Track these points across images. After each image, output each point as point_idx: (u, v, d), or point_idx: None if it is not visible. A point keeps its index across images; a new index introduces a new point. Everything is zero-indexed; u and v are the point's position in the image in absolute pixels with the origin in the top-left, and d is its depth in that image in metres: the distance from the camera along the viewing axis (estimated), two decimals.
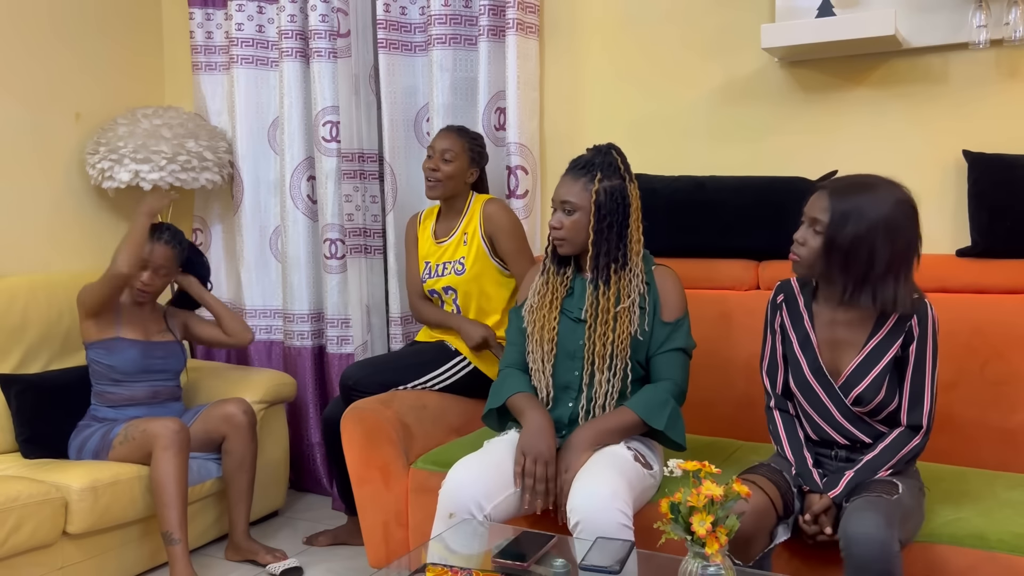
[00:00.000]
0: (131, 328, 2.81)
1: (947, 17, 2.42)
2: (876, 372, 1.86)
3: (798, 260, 1.88)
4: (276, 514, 3.27)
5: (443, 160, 2.68)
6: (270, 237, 3.57)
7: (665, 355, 2.08)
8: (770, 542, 1.82)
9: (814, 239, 1.84)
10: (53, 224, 3.36)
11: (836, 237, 1.80)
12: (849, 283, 1.83)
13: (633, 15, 2.90)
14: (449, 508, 1.94)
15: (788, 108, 2.69)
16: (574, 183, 2.08)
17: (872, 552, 1.60)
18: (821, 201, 1.84)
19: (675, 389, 2.06)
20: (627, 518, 1.82)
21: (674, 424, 2.03)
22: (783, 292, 2.02)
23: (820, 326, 1.94)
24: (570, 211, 2.07)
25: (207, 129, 3.47)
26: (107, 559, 2.62)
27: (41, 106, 3.34)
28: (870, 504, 1.69)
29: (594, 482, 1.86)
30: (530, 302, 2.17)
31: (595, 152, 2.10)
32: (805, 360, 1.94)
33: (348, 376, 2.61)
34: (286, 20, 3.32)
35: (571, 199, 2.07)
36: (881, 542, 1.61)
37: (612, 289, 2.07)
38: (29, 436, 2.78)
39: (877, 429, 1.90)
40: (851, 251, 1.80)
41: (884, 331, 1.87)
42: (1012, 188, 2.29)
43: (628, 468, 1.95)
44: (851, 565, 1.64)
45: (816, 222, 1.83)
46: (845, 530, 1.66)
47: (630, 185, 2.08)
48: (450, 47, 3.03)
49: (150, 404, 2.81)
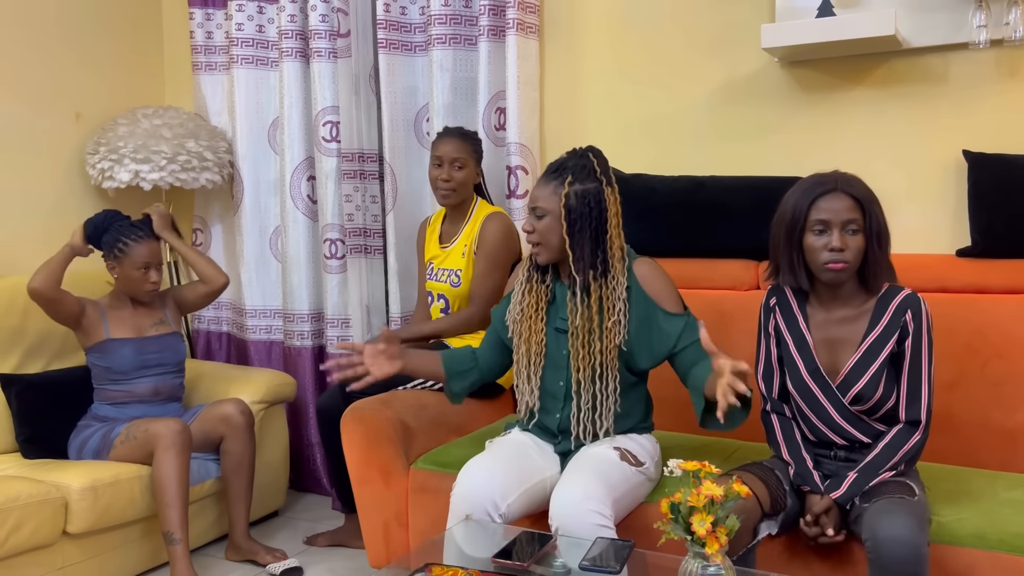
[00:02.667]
0: (120, 327, 2.81)
1: (947, 17, 2.42)
2: (874, 369, 1.86)
3: (846, 266, 1.84)
4: (276, 514, 3.27)
5: (455, 168, 2.70)
6: (270, 237, 3.57)
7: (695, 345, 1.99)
8: (754, 538, 1.82)
9: (854, 239, 1.84)
10: (53, 224, 3.36)
11: (872, 223, 1.84)
12: (882, 267, 1.87)
13: (633, 15, 2.90)
14: (465, 510, 1.93)
15: (788, 108, 2.69)
16: (545, 186, 2.01)
17: (904, 554, 1.60)
18: (843, 201, 1.83)
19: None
20: (604, 518, 1.81)
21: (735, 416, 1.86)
22: (775, 295, 2.01)
23: (815, 327, 1.94)
24: (540, 215, 2.00)
25: (207, 129, 3.47)
26: (107, 559, 2.62)
27: (41, 106, 3.34)
28: (897, 506, 1.68)
29: (568, 487, 1.86)
30: (513, 313, 2.12)
31: (570, 155, 2.03)
32: (802, 361, 1.94)
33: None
34: (286, 20, 3.32)
35: (540, 203, 2.00)
36: (913, 545, 1.61)
37: (593, 297, 2.00)
38: (29, 436, 2.78)
39: (876, 428, 1.90)
40: (885, 230, 1.87)
41: (880, 327, 1.87)
42: (1012, 188, 2.29)
43: (609, 468, 1.93)
44: (880, 567, 1.63)
45: (850, 222, 1.83)
46: (874, 532, 1.65)
47: (607, 189, 1.99)
48: (450, 47, 3.03)
49: (150, 402, 2.81)
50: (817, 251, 1.85)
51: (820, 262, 1.85)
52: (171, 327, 2.91)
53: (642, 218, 2.68)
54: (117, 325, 2.81)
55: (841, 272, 1.84)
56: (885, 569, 1.62)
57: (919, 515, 1.68)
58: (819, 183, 1.87)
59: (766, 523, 1.85)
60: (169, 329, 2.90)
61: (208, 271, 2.94)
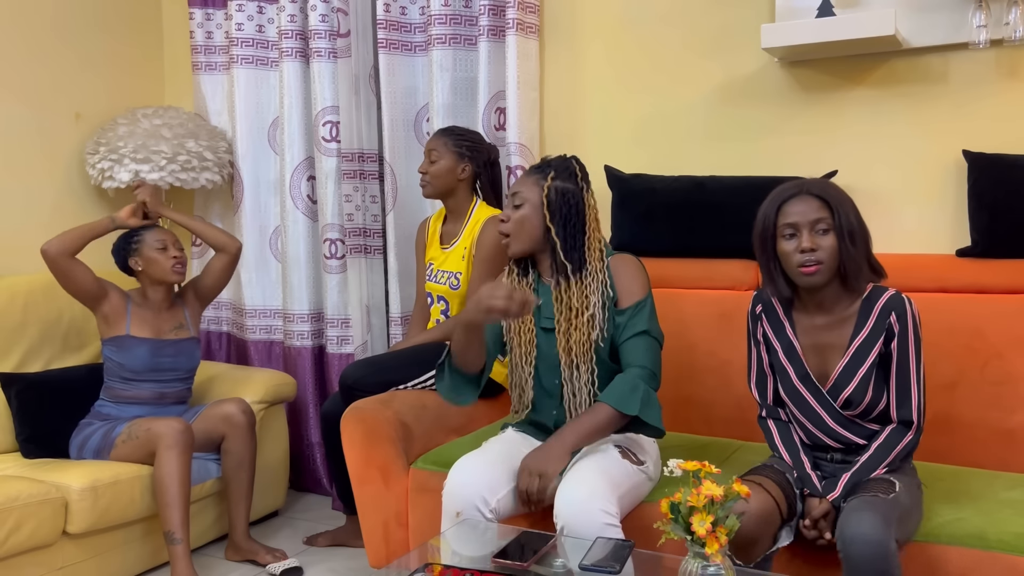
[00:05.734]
0: (141, 326, 2.81)
1: (947, 17, 2.42)
2: (863, 372, 1.86)
3: (820, 267, 1.83)
4: (276, 514, 3.27)
5: (429, 161, 2.75)
6: (270, 237, 3.57)
7: (629, 341, 2.02)
8: (773, 544, 1.82)
9: (824, 239, 1.83)
10: (53, 224, 3.36)
11: (844, 222, 1.82)
12: (863, 266, 1.85)
13: (633, 15, 2.90)
14: (455, 507, 1.94)
15: (788, 108, 2.69)
16: (527, 178, 2.08)
17: (869, 552, 1.60)
18: (808, 203, 1.84)
19: (644, 373, 1.97)
20: (611, 516, 1.82)
21: (648, 408, 1.94)
22: (761, 302, 2.01)
23: (802, 332, 1.93)
24: (518, 204, 2.06)
25: (207, 129, 3.47)
26: (107, 559, 2.62)
27: (41, 106, 3.34)
28: (866, 504, 1.69)
29: (574, 485, 1.86)
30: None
31: (556, 157, 2.11)
32: (792, 368, 1.94)
33: (348, 376, 2.61)
34: (286, 20, 3.32)
35: (521, 190, 2.06)
36: (878, 542, 1.61)
37: (573, 291, 2.03)
38: (29, 435, 2.78)
39: (869, 429, 1.90)
40: (856, 231, 1.84)
41: (866, 330, 1.87)
42: (1012, 188, 2.29)
43: (612, 466, 1.94)
44: (849, 566, 1.63)
45: (818, 222, 1.83)
46: (842, 531, 1.66)
47: (586, 194, 2.07)
48: (450, 47, 3.03)
49: (154, 405, 2.81)
50: (790, 255, 1.85)
51: (794, 266, 1.84)
52: (190, 332, 2.91)
53: (642, 218, 2.68)
54: (138, 323, 2.81)
55: (815, 274, 1.83)
56: (854, 568, 1.62)
57: (887, 512, 1.66)
58: (785, 189, 1.89)
59: (786, 531, 1.85)
60: (188, 334, 2.90)
61: (220, 238, 2.92)
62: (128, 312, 2.80)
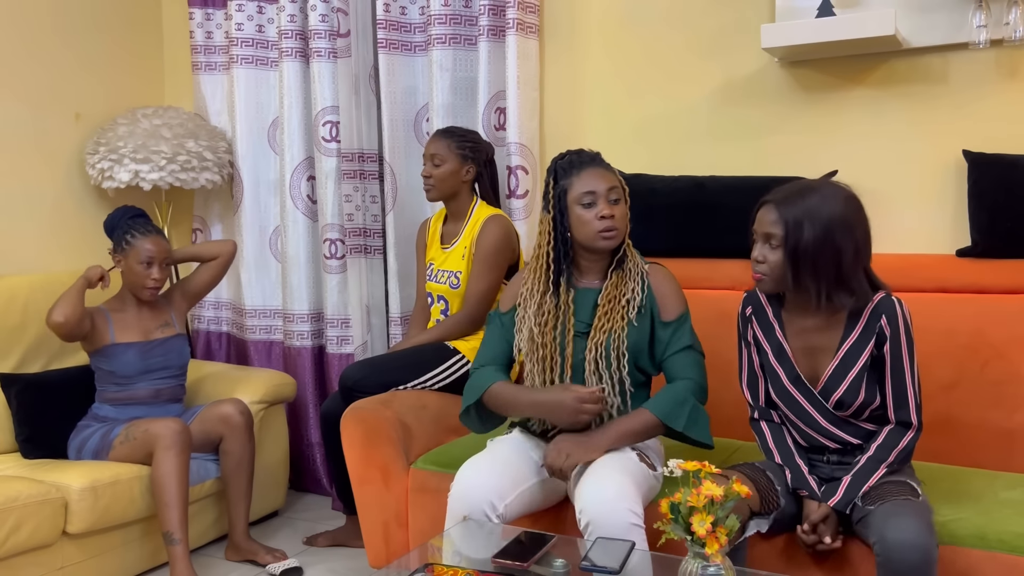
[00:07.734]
0: (126, 331, 2.80)
1: (947, 17, 2.42)
2: (853, 374, 1.85)
3: (763, 278, 1.85)
4: (276, 514, 3.27)
5: (433, 165, 2.74)
6: (270, 237, 3.57)
7: (677, 356, 2.03)
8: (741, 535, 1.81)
9: (773, 254, 1.83)
10: (53, 224, 3.36)
11: (797, 245, 1.79)
12: (822, 286, 1.81)
13: (633, 15, 2.90)
14: (462, 511, 1.93)
15: (788, 108, 2.69)
16: (607, 172, 2.08)
17: (915, 558, 1.60)
18: (769, 215, 1.83)
19: (694, 386, 2.00)
20: (637, 516, 1.81)
21: (695, 423, 1.97)
22: (751, 304, 2.00)
23: (792, 334, 1.93)
24: (614, 200, 2.04)
25: (207, 129, 3.47)
26: (107, 559, 2.62)
27: (41, 106, 3.34)
28: (904, 508, 1.68)
29: (600, 483, 1.85)
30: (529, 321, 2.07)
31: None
32: (782, 370, 1.93)
33: (348, 376, 2.61)
34: (286, 20, 3.32)
35: (617, 185, 2.07)
36: (924, 548, 1.60)
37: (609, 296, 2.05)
38: (29, 436, 2.78)
39: (865, 429, 1.89)
40: (817, 255, 1.78)
41: (856, 333, 1.86)
42: (1012, 188, 2.29)
43: (633, 467, 1.94)
44: (889, 570, 1.62)
45: (770, 236, 1.83)
46: (883, 536, 1.64)
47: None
48: (450, 47, 3.03)
49: (151, 404, 2.81)
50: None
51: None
52: (176, 329, 2.91)
53: (642, 218, 2.68)
54: (122, 329, 2.80)
55: (760, 283, 1.86)
56: (895, 573, 1.61)
57: (926, 516, 1.67)
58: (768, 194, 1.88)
59: (755, 521, 1.84)
60: (174, 331, 2.90)
61: (213, 250, 2.96)
62: (109, 323, 2.80)
